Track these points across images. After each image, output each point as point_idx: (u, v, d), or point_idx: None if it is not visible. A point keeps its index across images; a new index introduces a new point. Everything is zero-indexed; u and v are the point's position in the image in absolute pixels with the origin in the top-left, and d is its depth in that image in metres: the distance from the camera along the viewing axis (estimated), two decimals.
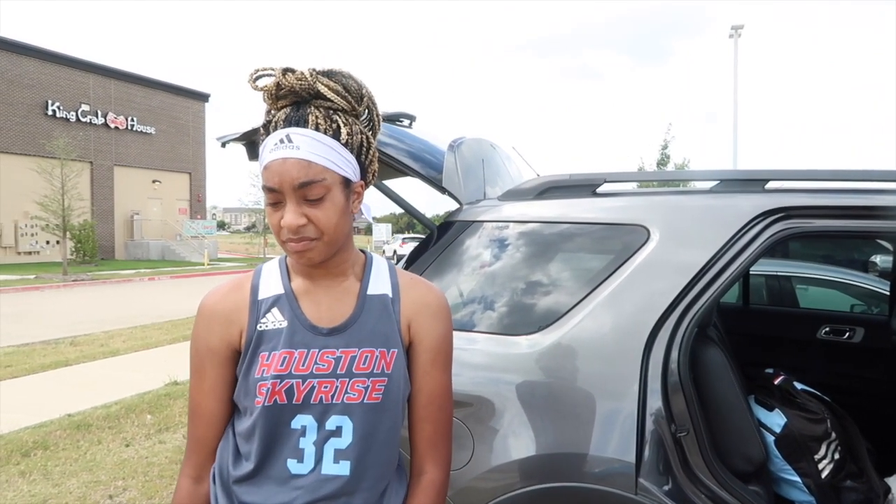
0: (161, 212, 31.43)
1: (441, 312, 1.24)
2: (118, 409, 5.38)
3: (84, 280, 18.56)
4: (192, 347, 1.20)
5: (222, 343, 1.17)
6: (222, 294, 1.20)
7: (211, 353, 1.17)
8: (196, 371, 1.19)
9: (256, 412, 1.12)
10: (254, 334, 1.15)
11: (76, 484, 3.85)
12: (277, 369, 1.11)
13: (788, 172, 2.08)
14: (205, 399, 1.19)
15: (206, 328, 1.18)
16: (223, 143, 2.63)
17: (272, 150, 1.08)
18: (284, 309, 1.16)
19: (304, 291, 1.18)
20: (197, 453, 1.21)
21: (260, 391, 1.11)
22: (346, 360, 1.14)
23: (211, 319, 1.18)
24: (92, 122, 27.85)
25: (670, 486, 1.79)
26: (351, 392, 1.13)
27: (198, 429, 1.20)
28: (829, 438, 2.20)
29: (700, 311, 1.88)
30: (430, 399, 1.23)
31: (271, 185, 1.07)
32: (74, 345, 8.44)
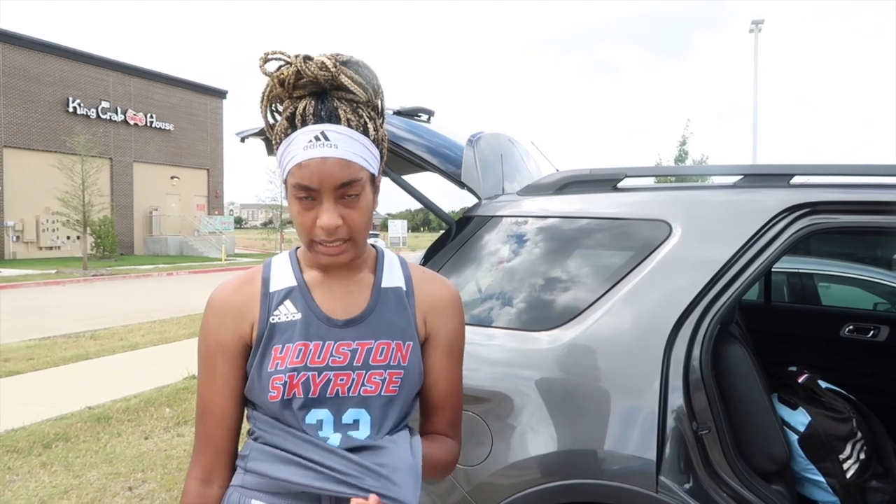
0: (179, 208, 31.72)
1: (455, 306, 1.24)
2: (137, 402, 5.44)
3: (104, 275, 18.78)
4: (201, 343, 1.16)
5: (234, 337, 1.14)
6: (232, 288, 1.17)
7: (222, 349, 1.14)
8: (206, 367, 1.16)
9: (273, 406, 1.10)
10: (266, 327, 1.12)
11: (96, 475, 3.89)
12: (293, 362, 1.09)
13: (814, 167, 2.03)
14: (216, 396, 1.15)
15: (216, 323, 1.14)
16: (242, 138, 2.64)
17: (307, 147, 1.04)
18: (298, 301, 1.14)
19: (317, 283, 1.16)
20: (206, 454, 1.17)
21: (274, 385, 1.09)
22: (363, 352, 1.12)
23: (222, 314, 1.14)
24: (112, 119, 28.17)
25: (691, 484, 1.77)
26: (368, 384, 1.12)
27: (208, 427, 1.16)
28: (855, 438, 2.16)
29: (723, 307, 1.85)
30: (449, 390, 1.25)
31: (309, 184, 1.04)
32: (94, 338, 8.54)
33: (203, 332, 1.16)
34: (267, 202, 32.70)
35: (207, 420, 1.16)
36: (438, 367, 1.23)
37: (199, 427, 1.18)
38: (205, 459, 1.17)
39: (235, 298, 1.15)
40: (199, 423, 1.17)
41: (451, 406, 1.26)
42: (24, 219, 25.08)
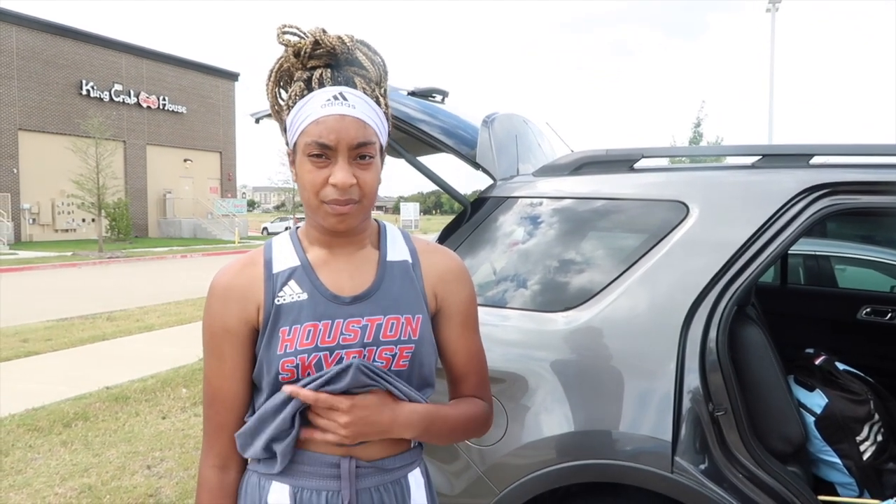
0: (192, 190, 31.89)
1: (463, 275, 1.24)
2: (154, 382, 5.51)
3: (119, 257, 18.96)
4: (206, 330, 1.14)
5: (240, 322, 1.12)
6: (235, 271, 1.15)
7: (229, 334, 1.12)
8: (213, 354, 1.14)
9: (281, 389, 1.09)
10: (272, 309, 1.10)
11: (116, 454, 3.96)
12: (303, 343, 1.08)
13: (834, 147, 2.01)
14: (226, 382, 1.13)
15: (221, 308, 1.12)
16: (257, 119, 2.63)
17: (324, 105, 1.04)
18: (302, 281, 1.12)
19: (321, 262, 1.15)
20: (220, 441, 1.15)
21: (285, 367, 1.08)
22: (373, 328, 1.11)
23: (226, 298, 1.12)
24: (125, 102, 28.29)
25: (707, 465, 1.77)
26: (378, 360, 1.11)
27: (219, 414, 1.15)
28: (872, 420, 2.15)
29: (740, 289, 1.84)
30: (469, 357, 1.25)
31: (326, 141, 1.03)
32: (111, 320, 8.65)
33: (207, 318, 1.14)
34: (279, 185, 32.76)
35: (219, 407, 1.15)
36: (455, 337, 1.23)
37: (209, 414, 1.16)
38: (219, 446, 1.15)
39: (238, 282, 1.13)
40: (210, 411, 1.15)
41: (474, 372, 1.26)
42: (40, 202, 25.32)
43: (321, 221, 1.09)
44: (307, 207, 1.10)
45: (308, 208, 1.10)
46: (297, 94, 1.08)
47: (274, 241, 1.19)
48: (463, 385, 1.26)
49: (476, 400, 1.26)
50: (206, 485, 1.15)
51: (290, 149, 1.11)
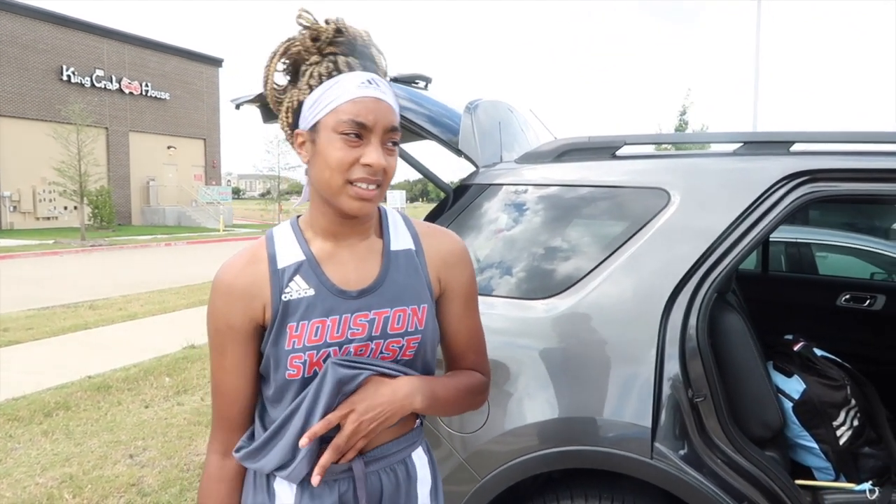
0: (176, 178, 31.57)
1: (466, 257, 1.25)
2: (137, 371, 5.47)
3: (102, 245, 18.77)
4: (210, 325, 1.14)
5: (244, 319, 1.11)
6: (239, 267, 1.13)
7: (232, 331, 1.11)
8: (216, 349, 1.14)
9: (291, 384, 1.10)
10: (279, 306, 1.09)
11: (97, 443, 3.93)
12: (311, 340, 1.08)
13: (815, 134, 2.01)
14: (227, 377, 1.14)
15: (225, 305, 1.11)
16: (237, 105, 2.60)
17: (359, 86, 1.05)
18: (308, 276, 1.11)
19: (326, 255, 1.13)
20: (223, 430, 1.18)
21: (293, 363, 1.08)
22: (380, 321, 1.12)
23: (230, 296, 1.11)
24: (107, 88, 27.87)
25: (686, 451, 1.79)
26: (385, 352, 1.13)
27: (222, 406, 1.16)
28: (849, 405, 2.18)
29: (720, 276, 1.85)
30: (470, 336, 1.28)
31: (364, 120, 1.04)
32: (93, 308, 8.57)
33: (211, 315, 1.13)
34: (265, 172, 32.50)
35: (221, 400, 1.16)
36: (457, 318, 1.25)
37: (214, 405, 1.18)
38: (222, 435, 1.18)
39: (243, 279, 1.11)
40: (215, 402, 1.18)
41: (473, 349, 1.29)
42: (21, 189, 24.95)
43: (342, 204, 1.07)
44: (326, 189, 1.07)
45: (328, 190, 1.07)
46: (325, 75, 1.06)
47: (275, 234, 1.17)
48: (461, 361, 1.29)
49: (472, 371, 1.28)
50: (208, 468, 1.19)
51: (306, 129, 1.08)
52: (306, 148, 1.09)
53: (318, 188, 1.09)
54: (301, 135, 1.09)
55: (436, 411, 1.18)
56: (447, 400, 1.19)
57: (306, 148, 1.09)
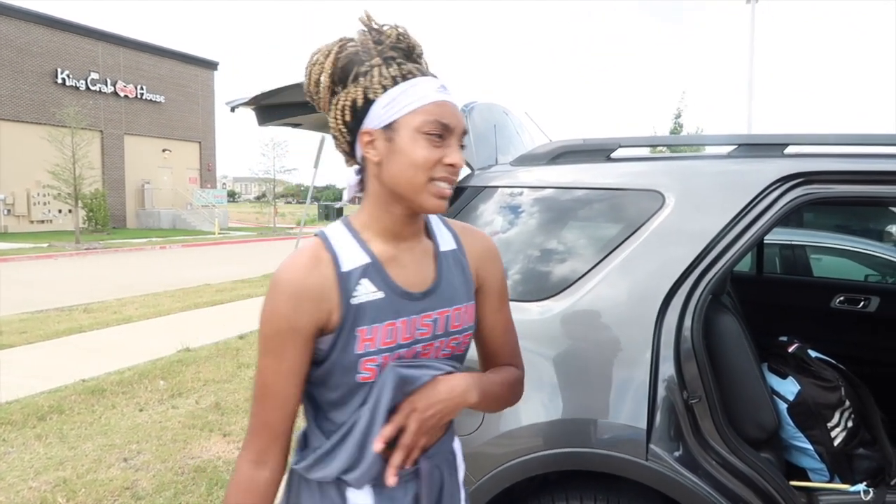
0: (171, 181, 31.49)
1: (497, 253, 1.31)
2: (131, 374, 5.45)
3: (96, 248, 18.70)
4: (269, 327, 1.08)
5: (311, 322, 1.08)
6: (305, 270, 1.09)
7: (295, 334, 1.08)
8: (273, 352, 1.09)
9: (362, 387, 1.10)
10: (349, 309, 1.08)
11: (91, 447, 3.91)
12: (384, 342, 1.10)
13: (809, 137, 2.02)
14: (280, 381, 1.10)
15: (293, 307, 1.07)
16: (232, 108, 2.60)
17: (438, 90, 1.09)
18: (375, 279, 1.11)
19: (388, 257, 1.14)
20: (261, 437, 1.13)
21: (366, 367, 1.09)
22: (443, 320, 1.16)
23: (300, 298, 1.07)
24: (101, 91, 27.80)
25: (681, 453, 1.79)
26: (445, 349, 1.18)
27: (268, 412, 1.11)
28: (843, 406, 2.18)
29: (715, 278, 1.85)
30: (505, 330, 1.32)
31: (448, 122, 1.08)
32: (88, 312, 8.53)
33: (272, 316, 1.08)
34: (260, 175, 32.46)
35: (268, 404, 1.12)
36: (492, 313, 1.29)
37: (257, 410, 1.13)
38: (259, 442, 1.13)
39: (312, 282, 1.08)
40: (258, 407, 1.13)
41: (509, 344, 1.34)
42: (15, 192, 24.86)
43: (424, 202, 1.09)
44: (408, 187, 1.09)
45: (409, 187, 1.09)
46: (398, 76, 1.09)
47: (330, 236, 1.14)
48: (498, 357, 1.33)
49: (509, 367, 1.32)
50: (237, 477, 1.13)
51: (378, 128, 1.09)
52: (377, 146, 1.10)
53: (395, 186, 1.10)
54: (371, 133, 1.10)
55: (486, 407, 1.23)
56: (494, 395, 1.23)
57: (377, 146, 1.10)
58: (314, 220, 39.34)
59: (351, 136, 1.13)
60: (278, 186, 32.45)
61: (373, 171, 1.12)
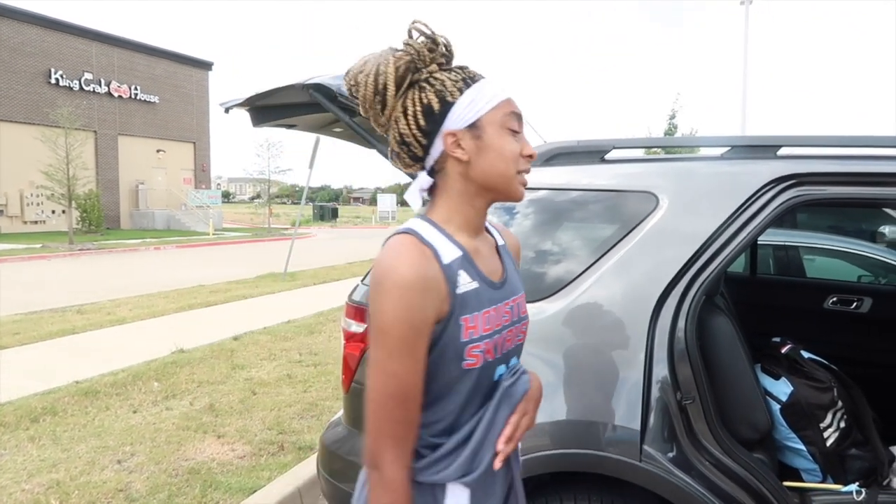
0: (166, 181, 31.41)
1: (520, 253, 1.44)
2: (125, 376, 5.42)
3: (90, 249, 18.64)
4: (402, 326, 1.07)
5: (434, 313, 1.10)
6: (423, 261, 1.10)
7: (426, 327, 1.09)
8: (408, 352, 1.08)
9: (467, 375, 1.15)
10: (455, 299, 1.12)
11: (85, 449, 3.89)
12: (485, 329, 1.15)
13: (801, 138, 2.03)
14: (418, 379, 1.10)
15: (421, 301, 1.07)
16: (226, 109, 2.59)
17: (503, 89, 1.17)
18: (469, 270, 1.16)
19: (473, 250, 1.20)
20: (409, 440, 1.12)
21: (472, 353, 1.13)
22: (516, 308, 1.25)
23: (426, 290, 1.08)
24: (95, 91, 27.71)
25: (675, 454, 1.79)
26: (519, 335, 1.26)
27: (410, 412, 1.11)
28: (836, 407, 2.19)
29: (708, 279, 1.86)
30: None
31: (520, 115, 1.18)
32: (81, 313, 8.49)
33: (406, 314, 1.07)
34: (255, 176, 32.38)
35: (410, 405, 1.11)
36: None
37: (400, 415, 1.11)
38: (406, 446, 1.12)
39: (431, 274, 1.10)
40: (401, 411, 1.10)
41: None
42: (8, 193, 24.76)
43: (515, 192, 1.19)
44: (501, 180, 1.16)
45: (502, 180, 1.16)
46: (469, 79, 1.16)
47: (421, 231, 1.15)
48: None
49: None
50: (402, 486, 1.11)
51: (462, 128, 1.14)
52: (464, 145, 1.15)
53: (486, 180, 1.16)
54: (456, 134, 1.14)
55: None
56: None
57: (464, 145, 1.15)
58: (309, 220, 39.32)
59: (427, 140, 1.15)
60: (273, 187, 32.35)
61: (457, 168, 1.17)
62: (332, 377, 5.42)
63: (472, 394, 1.17)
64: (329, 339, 6.93)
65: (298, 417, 4.49)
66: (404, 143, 1.16)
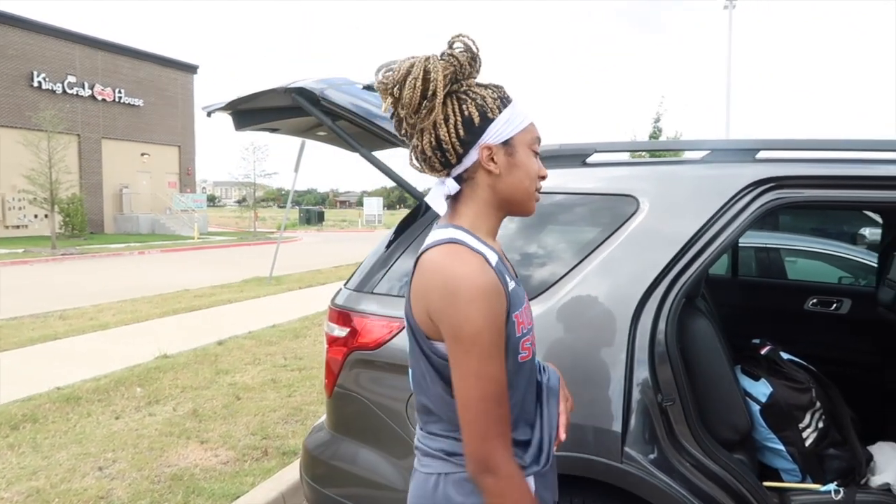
0: (150, 185, 31.16)
1: None
2: (107, 381, 5.37)
3: (73, 254, 18.44)
4: (491, 330, 1.14)
5: (504, 313, 1.18)
6: (487, 268, 1.17)
7: (503, 327, 1.17)
8: (497, 351, 1.15)
9: (522, 368, 1.23)
10: (509, 298, 1.19)
11: (66, 456, 3.85)
12: (529, 323, 1.26)
13: (779, 142, 2.06)
14: (505, 376, 1.17)
15: (499, 303, 1.15)
16: (209, 113, 2.58)
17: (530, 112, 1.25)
18: (507, 272, 1.24)
19: (500, 253, 1.28)
20: (510, 436, 1.19)
21: (524, 346, 1.23)
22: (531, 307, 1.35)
23: (499, 294, 1.16)
24: (79, 94, 27.44)
25: (655, 455, 1.80)
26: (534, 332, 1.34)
27: (506, 409, 1.18)
28: (814, 408, 2.21)
29: (688, 281, 1.88)
30: None
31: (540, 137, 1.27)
32: (63, 318, 8.40)
33: (491, 318, 1.14)
34: (240, 180, 32.21)
35: (505, 401, 1.18)
36: None
37: (502, 411, 1.16)
38: (511, 440, 1.19)
39: (495, 277, 1.17)
40: (502, 408, 1.16)
41: None
42: None
43: (531, 207, 1.28)
44: (524, 195, 1.25)
45: (525, 195, 1.26)
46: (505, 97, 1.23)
47: (464, 239, 1.20)
48: None
49: None
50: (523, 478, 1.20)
51: (497, 143, 1.21)
52: (497, 160, 1.21)
53: (511, 194, 1.25)
54: (492, 148, 1.21)
55: None
56: None
57: (497, 160, 1.21)
58: (295, 224, 39.15)
59: (463, 150, 1.20)
60: (259, 191, 32.18)
61: (486, 180, 1.23)
62: (318, 382, 5.39)
63: (527, 387, 1.26)
64: (314, 344, 6.91)
65: (283, 422, 4.47)
66: (440, 148, 1.20)
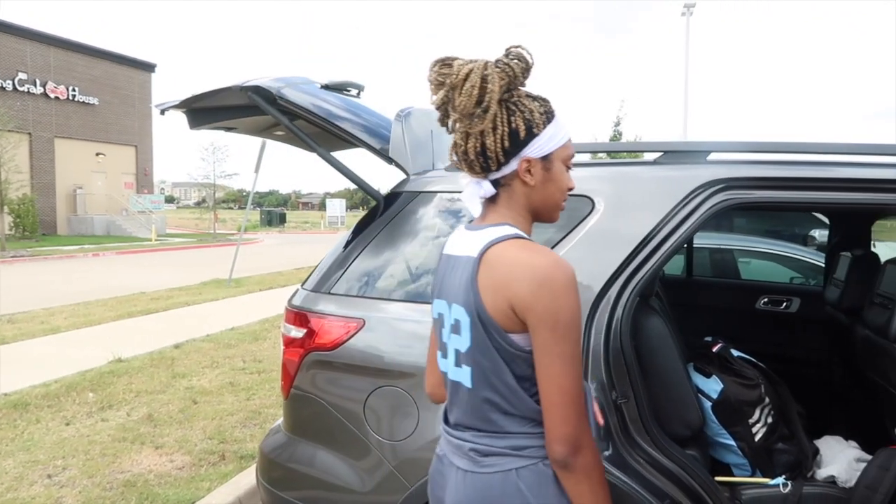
0: (106, 186, 30.36)
1: None
2: (58, 387, 5.21)
3: (24, 256, 17.87)
4: (579, 316, 1.19)
5: None
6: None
7: None
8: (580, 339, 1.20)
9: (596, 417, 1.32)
10: None
11: (12, 464, 3.73)
12: None
13: (730, 144, 2.11)
14: None
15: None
16: (162, 111, 2.53)
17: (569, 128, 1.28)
18: None
19: None
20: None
21: None
22: None
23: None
24: (30, 92, 26.60)
25: (610, 452, 1.82)
26: None
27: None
28: (763, 403, 2.27)
29: (642, 280, 1.90)
30: None
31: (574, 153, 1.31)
32: (12, 322, 8.13)
33: (579, 305, 1.18)
34: (200, 180, 31.61)
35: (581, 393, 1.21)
36: None
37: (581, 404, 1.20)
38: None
39: None
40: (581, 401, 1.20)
41: None
42: None
43: (555, 217, 1.33)
44: (554, 207, 1.31)
45: (555, 207, 1.31)
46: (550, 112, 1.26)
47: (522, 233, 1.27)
48: None
49: None
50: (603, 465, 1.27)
51: (538, 157, 1.24)
52: (535, 173, 1.25)
53: (543, 205, 1.29)
54: (531, 161, 1.24)
55: None
56: None
57: (535, 173, 1.25)
58: (256, 225, 38.60)
59: (505, 160, 1.23)
60: (219, 192, 31.63)
61: (523, 190, 1.27)
62: (277, 384, 5.32)
63: None
64: (274, 346, 6.82)
65: (241, 426, 4.40)
66: (484, 155, 1.23)
